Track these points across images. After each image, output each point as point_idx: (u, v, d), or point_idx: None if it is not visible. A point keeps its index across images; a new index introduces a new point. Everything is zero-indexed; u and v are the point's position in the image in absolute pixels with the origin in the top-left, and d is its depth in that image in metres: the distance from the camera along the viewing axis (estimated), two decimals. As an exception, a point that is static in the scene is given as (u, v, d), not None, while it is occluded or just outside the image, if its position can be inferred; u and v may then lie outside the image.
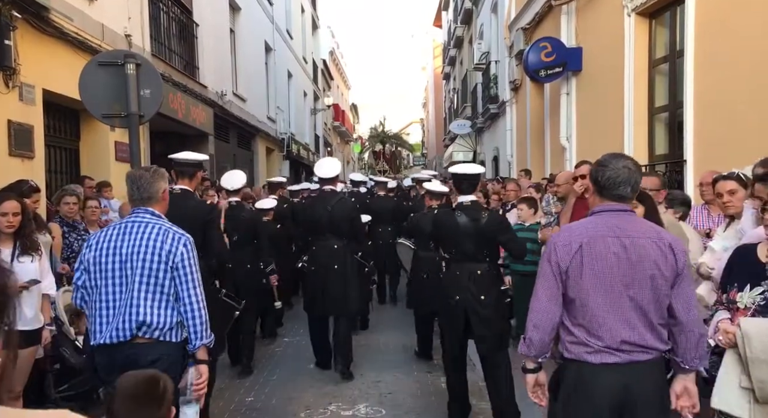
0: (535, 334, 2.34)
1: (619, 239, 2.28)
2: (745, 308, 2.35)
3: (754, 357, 2.17)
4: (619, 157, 2.47)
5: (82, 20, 6.68)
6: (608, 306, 2.25)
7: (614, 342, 2.23)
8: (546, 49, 8.53)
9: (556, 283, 2.32)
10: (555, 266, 2.32)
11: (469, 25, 20.72)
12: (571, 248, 2.30)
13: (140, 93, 4.80)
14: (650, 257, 2.26)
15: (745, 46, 4.79)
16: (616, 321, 2.24)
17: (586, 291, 2.27)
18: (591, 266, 2.27)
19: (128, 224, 2.84)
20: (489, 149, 17.23)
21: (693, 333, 2.27)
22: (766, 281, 2.36)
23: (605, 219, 2.34)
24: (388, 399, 4.78)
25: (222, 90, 12.26)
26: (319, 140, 28.46)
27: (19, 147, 5.61)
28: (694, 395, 2.30)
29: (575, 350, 2.29)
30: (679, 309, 2.27)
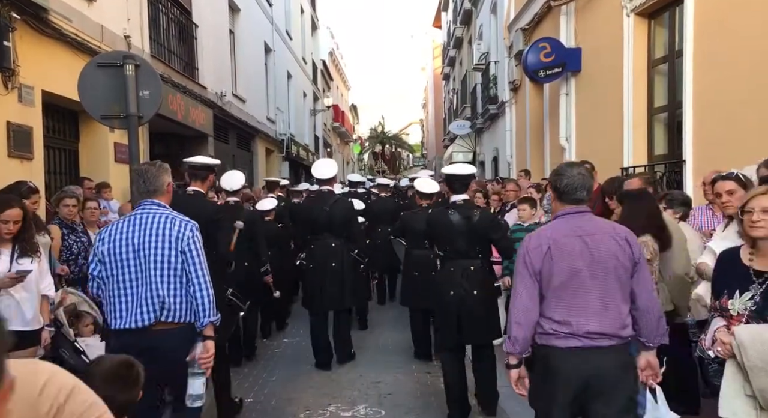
0: (519, 331, 2.58)
1: (581, 238, 2.55)
2: (738, 314, 2.34)
3: (751, 365, 2.16)
4: (574, 165, 2.79)
5: (81, 21, 6.68)
6: (577, 299, 2.51)
7: (581, 330, 2.49)
8: (545, 50, 8.53)
9: (534, 283, 2.57)
10: (530, 267, 2.57)
11: (469, 25, 20.73)
12: (541, 249, 2.56)
13: (139, 94, 4.79)
14: (610, 250, 2.53)
15: (744, 46, 4.80)
16: (584, 312, 2.50)
17: (557, 287, 2.54)
18: (559, 264, 2.53)
19: (137, 216, 3.04)
20: (489, 150, 17.23)
21: (653, 315, 2.58)
22: (754, 285, 2.34)
23: (568, 221, 2.62)
24: (388, 400, 4.78)
25: (221, 91, 12.26)
26: (319, 141, 28.47)
27: (18, 148, 5.61)
28: (655, 367, 2.66)
29: (546, 339, 2.56)
30: (639, 294, 2.56)
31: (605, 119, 7.44)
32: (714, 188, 3.44)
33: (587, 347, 2.49)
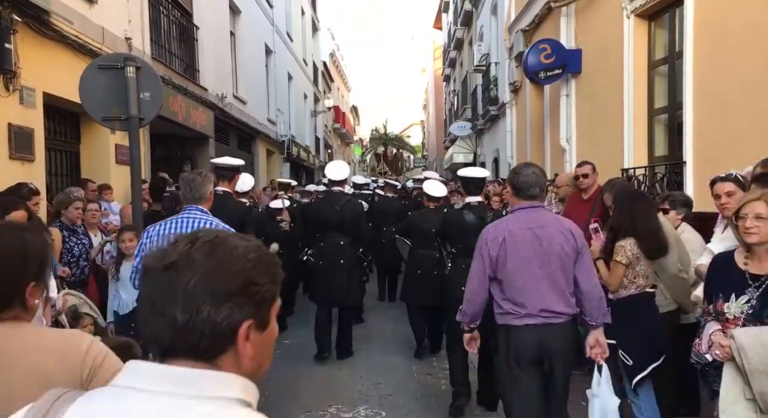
0: (469, 307, 3.14)
1: (532, 230, 2.96)
2: (735, 318, 2.34)
3: (752, 369, 2.15)
4: (529, 165, 3.18)
5: (82, 23, 6.69)
6: (528, 283, 2.93)
7: (534, 310, 2.92)
8: (545, 51, 8.54)
9: (485, 270, 3.02)
10: (486, 257, 3.01)
11: (469, 26, 20.75)
12: (497, 241, 2.98)
13: (140, 96, 4.80)
14: (556, 240, 2.94)
15: (743, 47, 4.80)
16: (535, 294, 2.92)
17: (512, 273, 2.95)
18: (513, 253, 2.95)
19: (183, 219, 3.34)
20: (489, 151, 17.24)
21: (594, 297, 2.98)
22: (750, 288, 2.34)
23: (522, 215, 3.04)
24: (388, 401, 4.78)
25: (222, 92, 12.27)
26: (320, 142, 28.49)
27: (20, 150, 5.62)
28: (603, 344, 3.03)
29: (505, 319, 3.00)
30: (581, 279, 2.96)
31: (606, 120, 7.45)
32: (713, 190, 3.45)
33: (539, 324, 2.93)
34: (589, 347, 3.04)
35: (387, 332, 7.06)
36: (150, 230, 3.43)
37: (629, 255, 3.46)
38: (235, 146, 14.11)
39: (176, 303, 0.87)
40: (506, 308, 2.98)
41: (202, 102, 10.79)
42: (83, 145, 7.49)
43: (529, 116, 11.60)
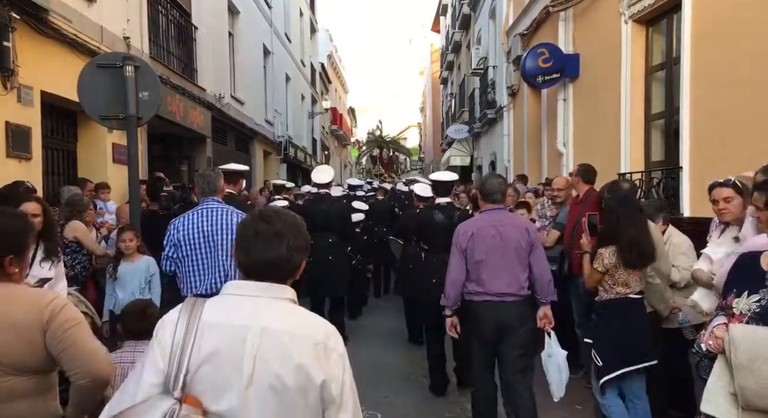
0: (451, 291, 3.82)
1: (495, 227, 3.71)
2: (741, 314, 2.35)
3: (738, 363, 2.18)
4: (494, 176, 4.10)
5: (80, 22, 6.68)
6: (490, 269, 3.67)
7: (492, 290, 3.67)
8: (543, 55, 8.57)
9: (461, 258, 3.75)
10: (460, 248, 3.75)
11: (467, 30, 20.80)
12: (467, 235, 3.74)
13: (138, 95, 4.79)
14: (514, 236, 3.68)
15: (741, 53, 4.83)
16: (495, 278, 3.67)
17: (477, 261, 3.70)
18: (479, 245, 3.70)
19: (204, 210, 3.90)
20: (486, 154, 17.27)
21: (544, 280, 3.72)
22: (765, 289, 2.35)
23: (488, 215, 3.81)
24: (385, 403, 4.78)
25: (220, 93, 12.27)
26: (317, 144, 28.48)
27: (17, 148, 5.61)
28: (550, 317, 3.76)
29: (470, 296, 3.77)
30: (534, 266, 3.70)
31: (603, 125, 7.47)
32: (711, 195, 3.46)
33: (498, 301, 3.67)
34: (539, 319, 3.78)
35: (384, 335, 7.06)
36: (176, 222, 3.94)
37: (606, 264, 3.51)
38: (232, 147, 14.09)
39: (282, 251, 1.55)
40: (471, 288, 3.75)
41: (199, 102, 10.78)
42: (80, 144, 7.47)
43: (526, 120, 11.63)
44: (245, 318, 1.47)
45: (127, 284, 4.51)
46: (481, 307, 3.70)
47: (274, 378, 1.43)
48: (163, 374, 1.44)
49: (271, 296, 1.53)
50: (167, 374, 1.44)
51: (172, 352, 1.45)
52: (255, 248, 1.53)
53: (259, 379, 1.43)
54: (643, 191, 6.43)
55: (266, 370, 1.43)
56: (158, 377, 1.44)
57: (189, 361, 1.44)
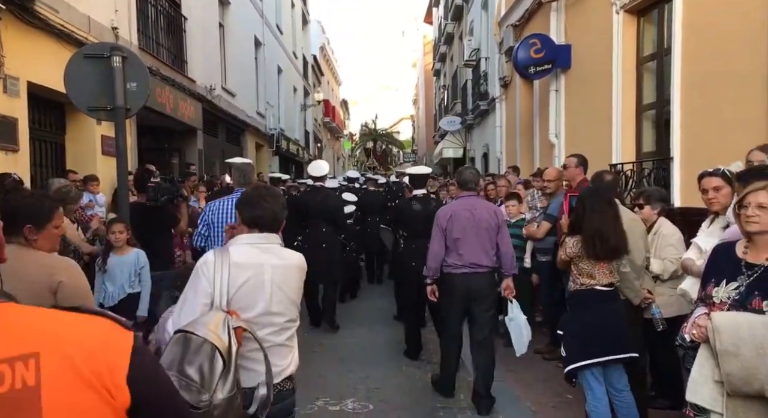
0: (432, 264, 4.54)
1: (469, 210, 4.44)
2: (721, 302, 2.37)
3: (722, 350, 2.19)
4: (468, 168, 4.86)
5: (68, 12, 6.60)
6: (465, 245, 4.41)
7: (467, 263, 4.41)
8: (535, 46, 8.54)
9: (442, 237, 4.47)
10: (441, 228, 4.47)
11: (460, 21, 20.73)
12: (447, 216, 4.47)
13: (127, 86, 4.73)
14: (485, 218, 4.43)
15: (731, 44, 4.83)
16: (468, 252, 4.40)
17: (455, 238, 4.42)
18: (456, 225, 4.42)
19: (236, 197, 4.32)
20: (479, 146, 17.27)
21: (508, 256, 4.46)
22: (742, 276, 2.37)
23: (463, 200, 4.56)
24: (376, 394, 4.78)
25: (211, 84, 12.18)
26: (309, 136, 28.38)
27: (3, 140, 5.55)
28: (512, 287, 4.48)
29: (448, 269, 4.49)
30: (500, 244, 4.45)
31: (594, 116, 7.47)
32: (701, 184, 3.47)
33: (470, 272, 4.41)
34: (503, 289, 4.50)
35: (375, 326, 7.07)
36: (212, 204, 4.61)
37: (568, 252, 3.47)
38: (223, 139, 14.02)
39: (276, 211, 2.36)
40: (450, 262, 4.46)
41: (190, 94, 10.70)
42: (68, 135, 7.40)
43: (518, 111, 11.62)
44: (260, 259, 2.28)
45: (117, 277, 4.47)
46: (457, 278, 4.45)
47: (282, 292, 2.31)
48: (210, 296, 2.13)
49: (269, 242, 2.35)
50: (213, 296, 2.13)
51: (215, 281, 2.15)
52: (261, 205, 2.34)
53: (275, 294, 2.28)
54: (634, 182, 6.44)
55: (278, 289, 2.29)
56: (207, 298, 2.13)
57: (229, 289, 2.16)
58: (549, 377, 4.98)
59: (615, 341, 3.42)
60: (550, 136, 9.00)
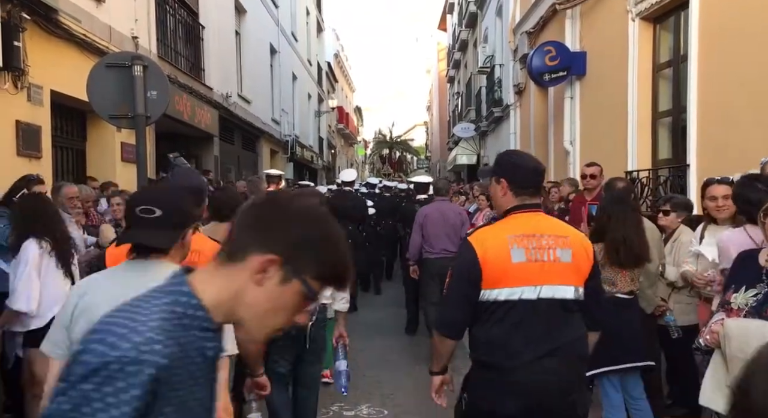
0: (413, 250, 6.21)
1: (440, 212, 6.09)
2: (738, 308, 2.38)
3: (732, 355, 2.21)
4: (442, 179, 8.56)
5: (89, 22, 6.74)
6: (436, 237, 5.98)
7: (439, 249, 5.95)
8: (550, 53, 8.55)
9: (420, 231, 6.06)
10: (419, 224, 6.06)
11: (474, 28, 20.77)
12: (423, 216, 6.11)
13: (147, 94, 4.83)
14: (451, 217, 6.09)
15: (748, 51, 4.81)
16: (439, 242, 5.96)
17: (429, 232, 6.01)
18: (430, 222, 6.03)
19: None
20: (493, 153, 17.24)
21: None
22: (762, 284, 2.39)
23: (436, 204, 6.28)
24: (391, 400, 4.81)
25: (227, 92, 12.32)
26: (323, 143, 28.54)
27: (27, 147, 5.67)
28: None
29: (425, 255, 6.07)
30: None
31: (610, 123, 7.46)
32: (707, 191, 3.46)
33: (441, 256, 5.82)
34: None
35: (389, 333, 7.09)
36: None
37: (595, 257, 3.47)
38: (239, 145, 14.15)
39: None
40: (427, 249, 6.05)
41: (207, 101, 10.84)
42: (89, 142, 7.54)
43: (533, 118, 11.61)
44: None
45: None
46: (432, 261, 5.99)
47: None
48: None
49: None
50: None
51: None
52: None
53: None
54: (650, 189, 6.42)
55: None
56: None
57: None
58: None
59: (633, 349, 3.41)
60: (564, 144, 8.98)
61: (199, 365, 1.01)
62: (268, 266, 1.01)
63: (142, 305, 1.00)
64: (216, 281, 1.04)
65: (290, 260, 1.02)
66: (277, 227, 1.04)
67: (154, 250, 1.88)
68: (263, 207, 1.09)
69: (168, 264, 1.87)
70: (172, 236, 1.90)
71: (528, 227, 2.28)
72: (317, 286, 1.05)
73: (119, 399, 0.90)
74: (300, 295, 1.04)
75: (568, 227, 2.45)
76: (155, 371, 0.92)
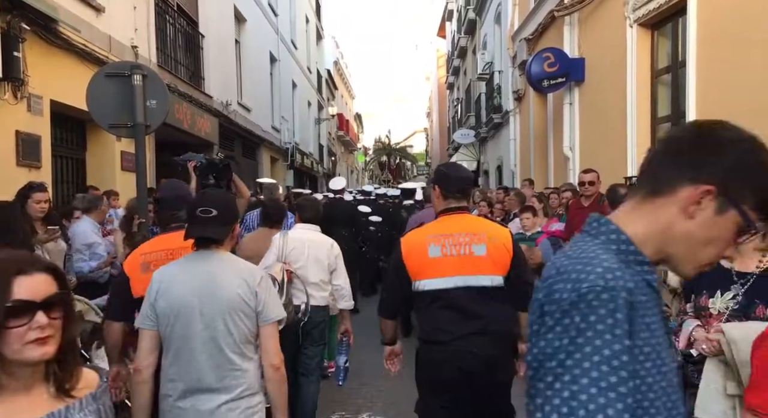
0: None
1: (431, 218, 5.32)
2: (719, 313, 2.38)
3: (743, 360, 2.18)
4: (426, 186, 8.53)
5: (89, 32, 6.76)
6: None
7: None
8: (549, 60, 8.57)
9: None
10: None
11: (473, 35, 20.84)
12: (417, 223, 4.88)
13: (146, 103, 4.84)
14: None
15: (746, 57, 4.82)
16: None
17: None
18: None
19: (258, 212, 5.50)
20: (493, 159, 17.27)
21: None
22: (735, 285, 2.40)
23: (428, 211, 6.03)
24: (392, 408, 4.78)
25: (227, 100, 12.35)
26: (323, 150, 28.57)
27: (27, 157, 5.68)
28: None
29: None
30: None
31: (609, 129, 7.46)
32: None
33: None
34: None
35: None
36: (252, 214, 5.72)
37: None
38: (239, 153, 14.16)
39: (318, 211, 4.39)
40: None
41: (207, 109, 10.86)
42: (89, 152, 7.55)
43: (532, 124, 11.62)
44: (305, 236, 3.99)
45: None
46: None
47: (315, 257, 3.97)
48: (277, 257, 3.85)
49: (307, 229, 4.08)
50: (278, 256, 3.85)
51: (279, 248, 3.87)
52: (309, 209, 4.21)
53: (312, 256, 3.94)
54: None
55: (314, 253, 3.95)
56: (275, 258, 3.84)
57: (285, 252, 3.86)
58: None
59: None
60: (564, 150, 8.98)
61: (649, 294, 1.01)
62: (702, 197, 0.99)
63: (582, 248, 1.02)
64: (640, 218, 1.04)
65: (726, 190, 0.99)
66: (708, 155, 1.01)
67: (212, 241, 2.34)
68: (688, 138, 1.06)
69: (223, 252, 2.39)
70: (225, 230, 2.38)
71: (447, 227, 2.77)
72: (754, 216, 1.00)
73: (606, 324, 0.91)
74: (735, 225, 1.01)
75: (487, 226, 2.91)
76: (627, 295, 0.93)
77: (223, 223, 2.36)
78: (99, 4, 7.06)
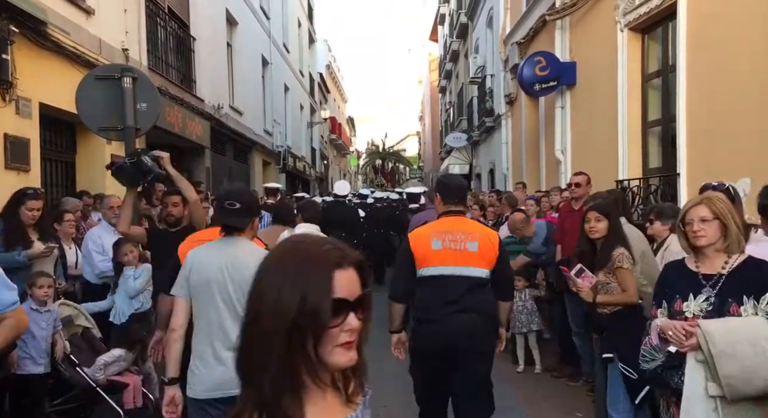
0: None
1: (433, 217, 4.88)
2: (694, 316, 2.40)
3: (719, 352, 2.19)
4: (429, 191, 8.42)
5: (79, 34, 6.72)
6: None
7: None
8: (540, 64, 8.60)
9: None
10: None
11: (465, 39, 20.90)
12: (420, 222, 5.14)
13: (137, 106, 4.81)
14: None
15: (735, 60, 4.86)
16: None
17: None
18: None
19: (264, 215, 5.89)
20: (485, 162, 17.30)
21: None
22: (705, 287, 2.43)
23: (428, 212, 5.71)
24: (384, 412, 4.75)
25: (219, 103, 12.31)
26: (316, 153, 28.53)
27: (15, 160, 5.62)
28: None
29: None
30: None
31: (600, 132, 7.49)
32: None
33: None
34: None
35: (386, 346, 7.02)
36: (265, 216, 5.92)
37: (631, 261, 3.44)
38: (231, 157, 14.11)
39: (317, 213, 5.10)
40: None
41: (198, 113, 10.81)
42: (79, 155, 7.48)
43: (524, 128, 11.66)
44: (306, 232, 3.52)
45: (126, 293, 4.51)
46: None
47: None
48: None
49: (308, 227, 4.46)
50: None
51: None
52: (311, 210, 4.81)
53: None
54: (641, 198, 6.44)
55: None
56: None
57: None
58: (558, 394, 4.94)
59: None
60: (556, 153, 9.01)
61: None
62: None
63: None
64: None
65: None
66: None
67: (236, 229, 2.80)
68: None
69: (244, 239, 2.85)
70: (246, 221, 2.85)
71: (447, 226, 3.34)
72: None
73: None
74: None
75: (480, 228, 3.52)
76: None
77: (246, 215, 2.83)
78: (89, 7, 7.02)
